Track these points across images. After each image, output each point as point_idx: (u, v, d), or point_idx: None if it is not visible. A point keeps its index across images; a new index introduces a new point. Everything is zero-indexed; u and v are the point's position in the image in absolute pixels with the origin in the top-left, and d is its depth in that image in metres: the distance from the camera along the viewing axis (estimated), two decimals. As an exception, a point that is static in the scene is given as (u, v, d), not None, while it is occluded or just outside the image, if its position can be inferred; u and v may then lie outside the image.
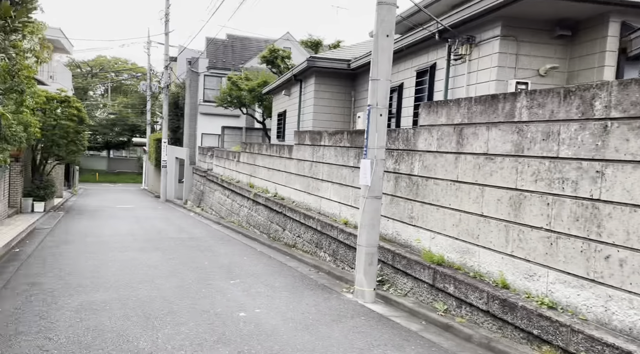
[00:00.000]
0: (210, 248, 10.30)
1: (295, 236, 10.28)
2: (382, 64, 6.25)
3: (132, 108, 48.13)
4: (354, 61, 11.51)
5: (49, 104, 16.13)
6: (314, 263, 8.64)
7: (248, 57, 26.96)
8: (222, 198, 17.13)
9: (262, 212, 12.54)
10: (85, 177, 42.51)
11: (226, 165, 17.82)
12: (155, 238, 11.72)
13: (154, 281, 7.02)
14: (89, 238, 11.30)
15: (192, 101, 26.07)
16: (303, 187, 10.51)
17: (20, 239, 10.62)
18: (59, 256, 8.90)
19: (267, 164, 13.01)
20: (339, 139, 9.03)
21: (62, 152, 16.77)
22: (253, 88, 18.59)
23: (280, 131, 16.07)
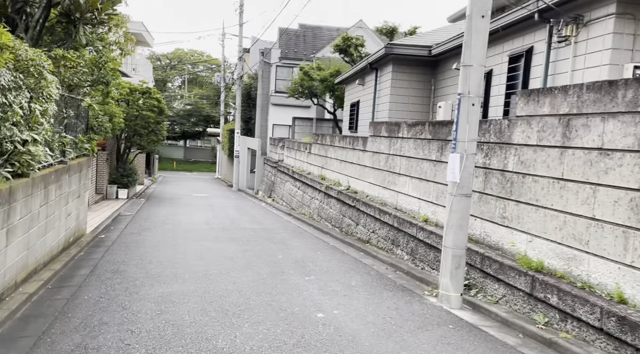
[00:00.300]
0: (283, 241, 10.19)
1: (369, 232, 9.91)
2: (476, 48, 5.66)
3: (207, 100, 49.86)
4: (436, 47, 10.84)
5: (132, 95, 16.86)
6: (390, 261, 8.23)
7: (320, 46, 26.74)
8: (292, 190, 17.10)
9: (334, 205, 12.27)
10: (164, 165, 44.70)
11: (297, 157, 17.76)
12: (229, 227, 11.84)
13: (230, 274, 6.96)
14: (167, 226, 11.63)
15: (264, 92, 26.33)
16: (378, 181, 10.09)
17: (105, 225, 11.12)
18: (140, 244, 9.16)
19: (339, 156, 12.70)
20: (419, 131, 8.50)
21: (144, 141, 17.51)
22: (325, 78, 18.33)
23: (352, 122, 15.70)
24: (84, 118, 9.11)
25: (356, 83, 14.91)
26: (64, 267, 6.89)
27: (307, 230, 12.05)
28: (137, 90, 17.22)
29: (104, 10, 8.03)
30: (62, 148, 7.41)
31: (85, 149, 8.98)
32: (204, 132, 51.42)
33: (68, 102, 7.69)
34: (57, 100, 6.68)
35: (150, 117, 17.12)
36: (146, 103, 17.30)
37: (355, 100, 15.44)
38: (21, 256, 5.50)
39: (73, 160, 8.11)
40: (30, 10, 7.72)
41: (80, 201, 8.79)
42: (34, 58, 4.95)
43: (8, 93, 4.36)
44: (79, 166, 8.38)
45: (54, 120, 6.66)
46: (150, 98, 17.42)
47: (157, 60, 52.88)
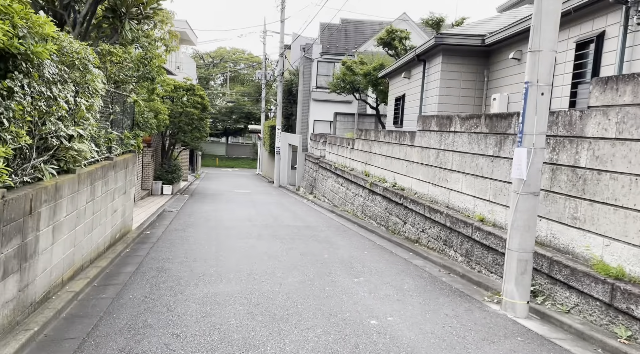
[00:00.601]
0: (328, 239, 9.88)
1: (418, 231, 9.45)
2: (546, 32, 5.12)
3: (248, 97, 50.27)
4: (490, 36, 10.19)
5: (176, 92, 16.99)
6: (442, 263, 7.76)
7: (362, 41, 26.23)
8: (335, 186, 16.78)
9: (380, 203, 11.85)
10: (207, 162, 45.43)
11: (339, 152, 17.41)
12: (272, 224, 11.65)
13: (275, 274, 6.70)
14: (211, 223, 11.56)
15: (305, 88, 26.11)
16: (427, 177, 9.60)
17: (150, 222, 11.16)
18: (184, 240, 9.08)
19: (385, 152, 12.25)
20: (474, 124, 7.96)
21: (187, 137, 17.63)
22: (368, 72, 17.87)
23: (397, 117, 15.19)
24: (129, 114, 9.10)
25: (401, 77, 14.38)
26: (110, 264, 6.83)
27: (352, 228, 11.70)
28: (182, 87, 17.34)
29: (149, 5, 7.94)
30: (108, 144, 7.37)
31: (131, 145, 8.96)
32: (245, 129, 51.92)
33: (114, 98, 7.65)
34: (103, 96, 6.61)
35: (193, 113, 17.21)
36: (190, 100, 17.40)
37: (400, 94, 14.91)
38: (67, 253, 5.42)
39: (119, 156, 8.08)
40: (78, 7, 7.71)
41: (126, 197, 8.78)
42: (79, 51, 4.83)
43: (53, 86, 4.24)
44: (124, 162, 8.36)
45: (100, 115, 6.59)
46: (193, 95, 17.50)
47: (200, 59, 53.78)
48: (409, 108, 13.92)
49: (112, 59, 7.20)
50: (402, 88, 14.79)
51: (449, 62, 10.98)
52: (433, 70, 11.73)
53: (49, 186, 4.60)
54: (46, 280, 4.78)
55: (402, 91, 14.80)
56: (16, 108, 3.53)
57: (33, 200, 4.23)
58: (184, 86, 17.40)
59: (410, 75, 13.73)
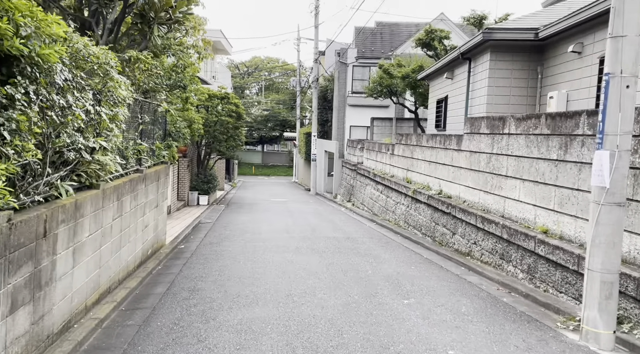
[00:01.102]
0: (370, 252, 9.21)
1: (469, 243, 8.65)
2: (631, 13, 4.34)
3: (283, 104, 50.25)
4: (545, 29, 9.31)
5: (210, 101, 16.77)
6: (500, 280, 6.96)
7: (398, 43, 25.49)
8: (374, 194, 16.08)
9: (424, 211, 11.09)
10: (243, 170, 45.56)
11: (378, 158, 16.72)
12: (310, 236, 11.08)
13: (316, 295, 6.11)
14: (247, 235, 11.10)
15: (341, 93, 25.57)
16: (478, 184, 8.81)
17: (185, 235, 10.81)
18: (219, 255, 8.63)
19: (428, 157, 11.49)
20: (532, 125, 7.15)
21: (223, 147, 17.38)
22: (407, 75, 17.13)
23: (439, 120, 14.38)
24: (161, 124, 8.77)
25: (443, 78, 13.59)
26: (140, 284, 6.42)
27: (395, 239, 10.98)
28: (216, 95, 17.12)
29: (178, 8, 7.58)
30: (138, 155, 7.00)
31: (163, 156, 8.61)
32: (281, 136, 51.88)
33: (143, 107, 7.30)
34: (130, 105, 6.23)
35: (228, 122, 16.94)
36: (225, 109, 17.15)
37: (442, 95, 14.11)
38: (92, 276, 5.01)
39: (150, 169, 7.72)
40: (106, 12, 7.43)
41: (159, 211, 8.41)
42: (98, 55, 4.42)
43: (68, 94, 3.83)
44: (156, 174, 7.99)
45: (127, 126, 6.22)
46: (228, 104, 17.25)
47: (235, 68, 54.25)
48: (452, 111, 13.10)
49: (141, 66, 6.85)
50: (444, 90, 13.99)
51: (498, 59, 10.14)
52: (480, 69, 10.92)
53: (67, 205, 4.19)
54: (66, 307, 4.36)
55: (444, 93, 13.99)
56: (20, 118, 3.10)
57: (48, 221, 3.80)
58: (218, 95, 17.17)
59: (453, 76, 12.93)
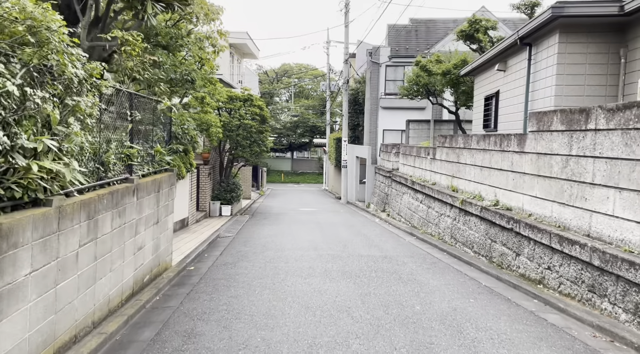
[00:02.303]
0: (414, 277, 7.58)
1: (541, 268, 6.91)
2: None
3: (312, 110, 48.99)
4: (633, 0, 7.50)
5: (232, 103, 15.50)
6: (594, 322, 5.24)
7: (434, 41, 23.75)
8: (412, 203, 14.39)
9: (476, 226, 9.37)
10: (272, 178, 44.45)
11: (416, 164, 15.03)
12: (341, 254, 9.53)
13: (350, 345, 4.56)
14: (268, 252, 9.65)
15: (373, 95, 23.99)
16: (549, 194, 7.07)
17: (198, 252, 9.44)
18: (232, 281, 7.19)
19: (479, 161, 9.79)
20: (632, 117, 5.42)
21: (246, 153, 16.06)
22: (447, 71, 15.43)
23: (488, 118, 12.62)
24: (164, 125, 7.43)
25: (494, 70, 11.84)
26: (124, 326, 5.03)
27: (441, 259, 9.29)
28: (238, 97, 15.85)
29: (179, -16, 6.26)
30: (128, 161, 5.64)
31: (167, 163, 7.26)
32: (310, 143, 50.64)
33: (135, 102, 5.96)
34: (113, 97, 4.87)
35: (252, 126, 15.61)
36: (248, 112, 15.85)
37: (491, 91, 12.36)
38: (38, 328, 3.62)
39: (145, 178, 6.37)
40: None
41: (160, 228, 7.05)
42: (34, 14, 3.04)
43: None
44: (155, 184, 6.63)
45: (105, 124, 4.85)
46: (251, 106, 15.94)
47: (264, 74, 53.45)
48: (505, 108, 11.33)
49: (128, 51, 5.52)
50: (494, 85, 12.23)
51: (569, 41, 8.37)
52: (544, 55, 9.15)
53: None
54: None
55: (494, 88, 12.23)
56: None
57: None
58: (240, 96, 15.90)
59: (507, 67, 11.17)
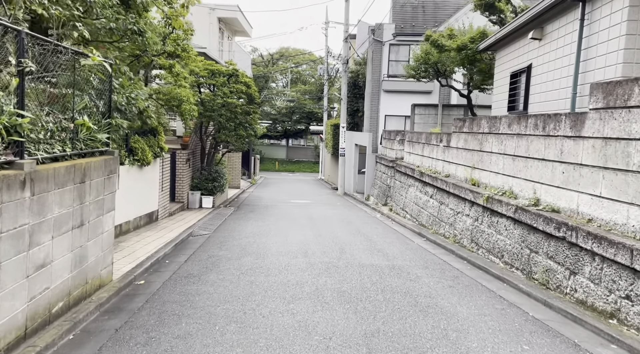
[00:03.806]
0: (435, 301, 5.66)
1: (616, 296, 4.99)
2: None
3: (309, 95, 46.79)
4: None
5: (214, 79, 13.43)
6: None
7: (443, 17, 21.65)
8: (420, 198, 12.45)
9: (508, 230, 7.45)
10: (266, 166, 42.45)
11: (425, 153, 13.08)
12: (338, 263, 7.60)
13: None
14: (247, 259, 7.71)
15: (375, 77, 21.91)
16: (626, 194, 5.15)
17: (158, 257, 7.48)
18: (187, 307, 5.25)
19: (511, 149, 7.85)
20: None
21: (231, 137, 14.02)
22: (464, 46, 13.41)
23: (515, 98, 10.63)
24: (100, 92, 5.40)
25: (526, 40, 9.82)
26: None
27: (464, 271, 7.38)
28: (221, 72, 13.75)
29: None
30: (13, 137, 3.66)
31: (100, 142, 5.26)
32: (307, 130, 48.57)
33: (36, 50, 3.94)
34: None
35: (236, 105, 13.56)
36: (233, 89, 13.78)
37: (520, 66, 10.35)
38: None
39: (57, 162, 4.38)
40: None
41: (88, 232, 5.08)
42: None
43: None
44: (74, 172, 4.65)
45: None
46: (237, 83, 13.87)
47: (260, 57, 51.00)
48: (540, 85, 9.33)
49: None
50: (524, 58, 10.22)
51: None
52: (607, 10, 7.12)
53: None
54: None
55: (524, 61, 10.23)
56: None
57: None
58: (224, 71, 13.81)
59: (544, 34, 9.15)
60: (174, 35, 9.72)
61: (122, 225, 9.05)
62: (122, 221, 9.11)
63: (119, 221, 8.91)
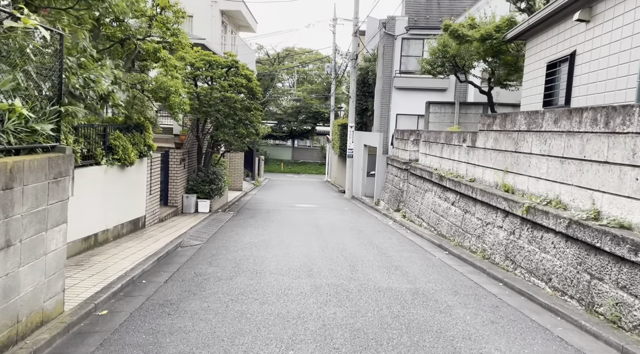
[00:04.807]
0: (479, 348, 4.34)
1: None
2: None
3: (316, 94, 45.49)
4: None
5: (211, 71, 12.17)
6: None
7: (460, 10, 20.29)
8: (440, 205, 11.12)
9: (557, 248, 6.11)
10: (271, 167, 41.20)
11: (444, 154, 11.75)
12: (349, 285, 6.30)
13: None
14: (240, 279, 6.42)
15: (386, 73, 20.58)
16: None
17: (133, 276, 6.20)
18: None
19: (558, 150, 6.52)
20: None
21: (229, 135, 12.74)
22: (488, 35, 12.07)
23: (553, 91, 9.27)
24: (46, 71, 4.13)
25: (570, 22, 8.47)
26: None
27: (502, 297, 6.04)
28: (219, 63, 12.48)
29: None
30: None
31: (39, 134, 3.99)
32: (313, 131, 47.31)
33: None
34: None
35: (236, 100, 12.28)
36: (232, 83, 12.51)
37: (561, 54, 8.98)
38: None
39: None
40: None
41: (21, 254, 3.83)
42: None
43: None
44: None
45: None
46: (236, 76, 12.60)
47: (266, 55, 49.75)
48: (589, 74, 7.96)
49: None
50: (565, 44, 8.86)
51: None
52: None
53: None
54: None
55: (565, 48, 8.87)
56: None
57: None
58: (222, 62, 12.53)
59: (593, 15, 7.79)
60: (161, 17, 8.47)
61: (97, 234, 7.78)
62: (99, 231, 7.85)
63: (93, 230, 7.66)
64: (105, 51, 7.95)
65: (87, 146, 7.22)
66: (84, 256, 7.02)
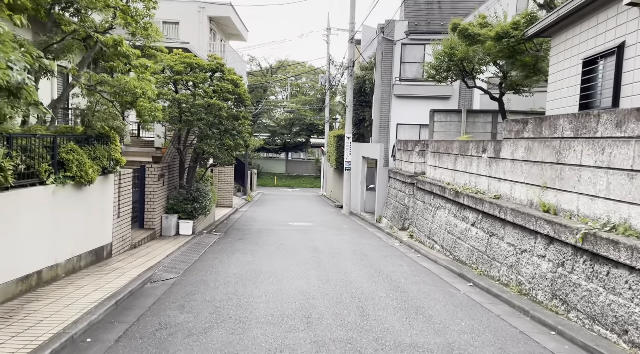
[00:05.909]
0: None
1: None
2: None
3: (310, 106, 44.19)
4: None
5: (192, 75, 10.71)
6: None
7: (463, 12, 19.07)
8: (456, 225, 9.65)
9: (634, 291, 4.65)
10: (264, 181, 39.69)
11: (458, 166, 10.33)
12: (361, 342, 4.78)
13: None
14: (216, 334, 4.88)
15: (385, 81, 19.25)
16: None
17: (72, 335, 4.64)
18: None
19: (623, 162, 5.12)
20: None
21: (214, 147, 11.23)
22: (505, 33, 10.75)
23: (593, 91, 7.88)
24: None
25: (617, 9, 7.13)
26: None
27: (565, 358, 4.54)
28: (202, 66, 11.01)
29: None
30: None
31: None
32: (307, 143, 45.94)
33: None
34: None
35: (221, 107, 10.80)
36: (217, 88, 11.05)
37: (604, 47, 7.60)
38: None
39: None
40: None
41: None
42: None
43: None
44: None
45: None
46: (222, 80, 11.14)
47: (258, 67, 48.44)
48: (643, 69, 6.58)
49: None
50: (609, 35, 7.50)
51: None
52: None
53: None
54: None
55: (609, 40, 7.51)
56: None
57: None
58: (206, 65, 11.05)
59: (649, -3, 6.44)
60: (125, 6, 7.02)
61: (41, 272, 6.22)
62: (44, 267, 6.29)
63: (36, 267, 6.10)
64: (55, 46, 6.48)
65: (25, 161, 5.70)
66: (16, 304, 5.44)
